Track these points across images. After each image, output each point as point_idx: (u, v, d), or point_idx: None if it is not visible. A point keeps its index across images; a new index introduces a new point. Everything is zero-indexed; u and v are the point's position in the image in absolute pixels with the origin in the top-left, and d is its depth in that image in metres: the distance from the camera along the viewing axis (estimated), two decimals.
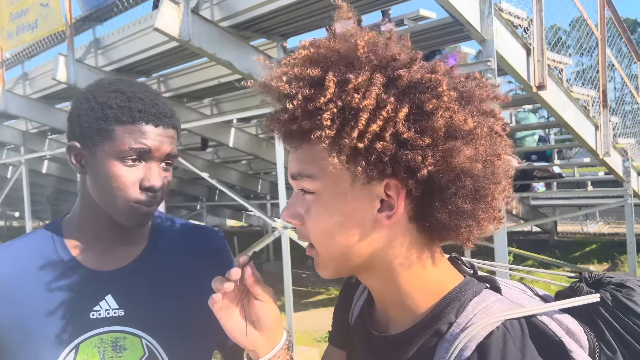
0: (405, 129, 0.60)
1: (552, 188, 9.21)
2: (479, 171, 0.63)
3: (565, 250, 9.72)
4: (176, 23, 3.70)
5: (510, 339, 0.60)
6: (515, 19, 3.58)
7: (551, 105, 3.94)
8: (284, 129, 0.67)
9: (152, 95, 0.97)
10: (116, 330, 0.96)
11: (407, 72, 0.62)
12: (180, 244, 1.07)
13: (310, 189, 0.68)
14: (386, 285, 0.71)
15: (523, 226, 10.28)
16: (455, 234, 0.66)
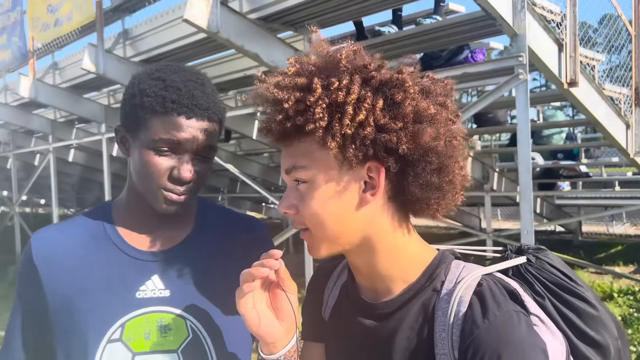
0: (382, 117, 0.75)
1: (578, 187, 9.05)
2: (441, 148, 0.78)
3: (590, 251, 9.54)
4: (205, 14, 3.72)
5: (493, 287, 0.78)
6: (548, 14, 3.52)
7: (582, 103, 3.87)
8: (279, 129, 0.80)
9: (193, 85, 0.95)
10: (162, 310, 0.98)
11: (378, 73, 0.78)
12: (225, 230, 1.08)
13: (303, 178, 0.81)
14: (375, 259, 0.84)
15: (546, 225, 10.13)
16: (427, 205, 0.81)
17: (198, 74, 0.99)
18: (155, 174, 0.94)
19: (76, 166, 11.00)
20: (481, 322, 0.74)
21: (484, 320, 0.74)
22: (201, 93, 0.95)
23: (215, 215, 1.10)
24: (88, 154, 10.03)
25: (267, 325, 0.87)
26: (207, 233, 1.06)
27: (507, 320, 0.74)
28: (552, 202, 8.81)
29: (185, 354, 0.98)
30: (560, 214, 9.11)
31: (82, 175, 12.23)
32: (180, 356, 0.97)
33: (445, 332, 0.77)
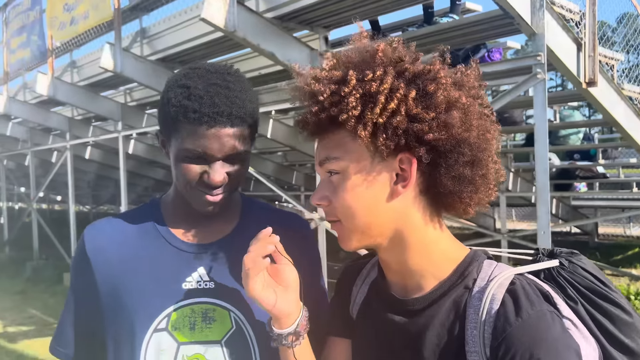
0: (414, 106, 0.76)
1: (594, 188, 8.94)
2: (473, 139, 0.78)
3: (606, 253, 9.43)
4: (222, 14, 3.74)
5: (527, 286, 0.77)
6: (567, 13, 3.48)
7: (601, 103, 3.82)
8: (314, 120, 0.82)
9: (216, 90, 0.94)
10: (207, 302, 1.00)
11: (411, 66, 0.79)
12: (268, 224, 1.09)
13: (336, 169, 0.82)
14: (406, 254, 0.84)
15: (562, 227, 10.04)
16: (459, 198, 0.80)
17: (225, 76, 0.97)
18: (188, 178, 0.96)
19: (92, 163, 11.12)
20: (514, 320, 0.73)
21: (517, 318, 0.73)
22: (224, 98, 0.93)
23: (260, 211, 1.13)
24: (104, 152, 10.14)
25: (281, 301, 0.88)
26: (251, 227, 1.06)
27: (540, 319, 0.73)
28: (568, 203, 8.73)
29: (228, 345, 1.00)
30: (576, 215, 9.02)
31: (98, 173, 12.37)
32: (224, 347, 0.99)
33: (476, 330, 0.77)
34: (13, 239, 11.59)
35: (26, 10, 7.32)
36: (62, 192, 16.51)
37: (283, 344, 0.90)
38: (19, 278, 9.25)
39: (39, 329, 6.16)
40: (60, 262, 9.34)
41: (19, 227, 11.42)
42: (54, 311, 6.93)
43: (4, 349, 5.46)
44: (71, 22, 5.94)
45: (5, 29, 8.02)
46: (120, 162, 7.07)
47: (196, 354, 0.99)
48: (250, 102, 0.97)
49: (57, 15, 6.24)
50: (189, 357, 0.99)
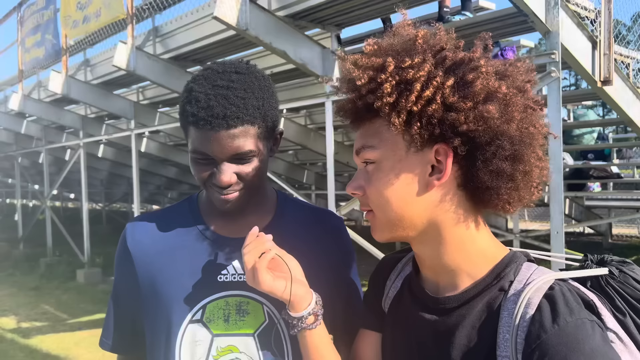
0: (451, 95, 0.73)
1: (608, 188, 8.84)
2: (514, 132, 0.74)
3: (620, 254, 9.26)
4: (234, 12, 3.75)
5: (567, 292, 0.73)
6: (582, 10, 3.44)
7: (616, 101, 3.77)
8: (351, 107, 0.81)
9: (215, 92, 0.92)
10: (241, 294, 1.02)
11: (452, 53, 0.77)
12: (303, 221, 1.12)
13: (371, 158, 0.80)
14: (441, 250, 0.81)
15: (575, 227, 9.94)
16: (497, 195, 0.76)
17: (230, 75, 0.96)
18: (199, 179, 0.99)
19: (105, 161, 11.22)
20: (550, 327, 0.69)
21: (553, 325, 0.69)
22: (222, 99, 0.92)
23: (294, 206, 1.14)
24: (117, 150, 10.22)
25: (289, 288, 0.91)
26: (285, 222, 1.09)
27: (579, 328, 0.69)
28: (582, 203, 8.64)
29: (261, 338, 1.02)
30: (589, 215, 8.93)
31: (111, 171, 12.47)
32: (257, 340, 1.02)
33: (509, 334, 0.73)
34: (27, 236, 11.73)
35: (40, 10, 7.40)
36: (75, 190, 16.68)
37: (302, 327, 0.91)
38: (33, 274, 9.36)
39: (52, 325, 6.23)
40: (73, 258, 9.44)
41: (33, 224, 11.55)
42: (67, 307, 7.01)
43: (17, 344, 5.52)
44: (84, 20, 6.00)
45: (20, 28, 8.11)
46: (132, 160, 7.12)
47: (230, 345, 1.01)
48: (255, 100, 0.95)
49: (71, 13, 6.30)
50: (223, 349, 1.01)
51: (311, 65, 4.23)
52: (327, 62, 4.26)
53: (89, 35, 6.13)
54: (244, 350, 1.01)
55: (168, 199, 17.32)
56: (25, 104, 8.19)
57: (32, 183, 14.03)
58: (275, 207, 1.11)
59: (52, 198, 14.63)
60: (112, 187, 16.97)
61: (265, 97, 0.97)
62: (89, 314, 6.62)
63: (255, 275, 0.90)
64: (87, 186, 9.02)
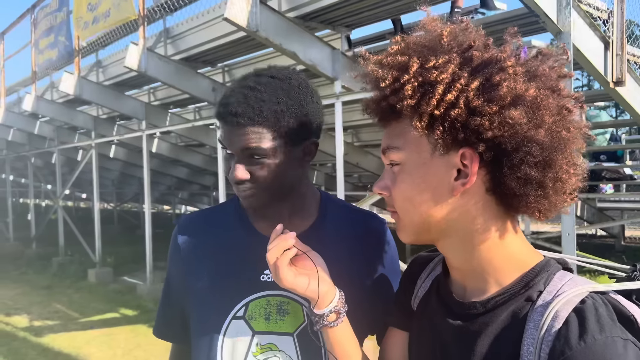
0: (475, 98, 0.69)
1: (621, 190, 8.75)
2: (543, 138, 0.69)
3: (633, 256, 9.22)
4: (245, 13, 3.77)
5: (601, 307, 0.67)
6: (595, 11, 3.41)
7: (629, 102, 3.73)
8: (376, 108, 0.79)
9: (239, 91, 0.97)
10: (282, 294, 1.04)
11: (479, 53, 0.72)
12: (346, 223, 1.12)
13: (396, 160, 0.78)
14: (467, 254, 0.78)
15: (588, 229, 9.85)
16: (525, 202, 0.73)
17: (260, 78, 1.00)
18: (225, 173, 1.06)
19: (117, 162, 11.30)
20: (576, 343, 0.65)
21: (579, 342, 0.64)
22: (242, 97, 0.96)
23: (337, 208, 1.15)
24: (128, 150, 10.30)
25: (314, 283, 0.91)
26: (329, 224, 1.11)
27: (608, 347, 0.63)
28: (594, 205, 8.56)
29: (300, 338, 1.03)
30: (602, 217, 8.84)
31: (122, 171, 12.57)
32: (296, 340, 1.03)
33: (533, 347, 0.69)
34: (40, 236, 11.86)
35: (54, 12, 7.48)
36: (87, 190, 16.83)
37: (325, 324, 0.91)
38: (45, 273, 9.46)
39: (63, 324, 6.29)
40: (85, 258, 9.52)
41: (46, 224, 11.66)
42: (79, 306, 7.07)
43: (29, 343, 5.58)
44: (93, 21, 6.06)
45: (34, 29, 8.21)
46: (144, 161, 7.17)
47: (270, 343, 1.04)
48: (276, 104, 0.97)
49: (82, 15, 6.38)
50: (263, 346, 1.04)
51: (321, 67, 4.24)
52: (337, 63, 4.27)
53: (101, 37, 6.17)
54: (283, 349, 1.03)
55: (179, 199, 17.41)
56: (39, 105, 8.29)
57: (45, 183, 14.18)
58: (319, 209, 1.12)
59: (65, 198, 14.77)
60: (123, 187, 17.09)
61: (290, 103, 0.98)
62: (100, 313, 6.68)
63: (277, 272, 0.90)
64: (99, 186, 9.10)
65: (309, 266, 0.93)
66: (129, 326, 6.14)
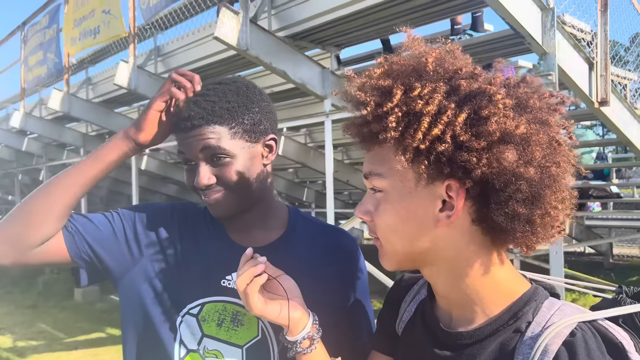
0: (463, 132, 0.66)
1: (608, 208, 8.83)
2: (532, 175, 0.66)
3: (621, 274, 9.27)
4: (235, 32, 3.79)
5: (590, 339, 0.66)
6: (579, 33, 3.48)
7: (613, 122, 3.79)
8: (358, 132, 0.76)
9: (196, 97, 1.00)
10: (239, 304, 1.01)
11: (467, 82, 0.69)
12: (315, 239, 1.11)
13: (379, 187, 0.75)
14: (453, 283, 0.76)
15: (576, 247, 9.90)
16: (512, 237, 0.71)
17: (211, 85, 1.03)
18: (189, 187, 1.02)
19: (105, 179, 11.15)
20: None
21: None
22: (193, 105, 0.99)
23: (306, 223, 1.14)
24: (117, 167, 10.21)
25: (285, 311, 0.89)
26: (296, 238, 1.09)
27: None
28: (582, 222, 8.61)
29: (249, 352, 1.01)
30: (590, 235, 8.89)
31: (111, 188, 12.46)
32: (244, 353, 1.01)
33: None
34: None
35: (43, 29, 7.49)
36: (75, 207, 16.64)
37: (299, 351, 0.90)
38: (30, 292, 9.30)
39: (48, 344, 6.17)
40: (71, 277, 9.37)
41: None
42: (64, 326, 6.95)
43: None
44: (80, 37, 6.07)
45: (24, 46, 8.20)
46: (132, 178, 7.13)
47: (216, 350, 1.01)
48: (227, 103, 0.99)
49: (69, 31, 6.39)
50: (209, 351, 1.01)
51: (311, 85, 4.27)
52: (327, 82, 4.30)
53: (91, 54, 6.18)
54: None
55: None
56: (27, 122, 8.23)
57: None
58: (287, 222, 1.11)
59: None
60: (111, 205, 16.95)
61: (241, 101, 1.01)
62: (85, 333, 6.56)
63: (247, 299, 0.88)
64: (87, 203, 9.01)
65: (281, 290, 0.91)
66: (115, 346, 6.04)
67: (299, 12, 4.03)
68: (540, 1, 3.08)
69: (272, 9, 4.22)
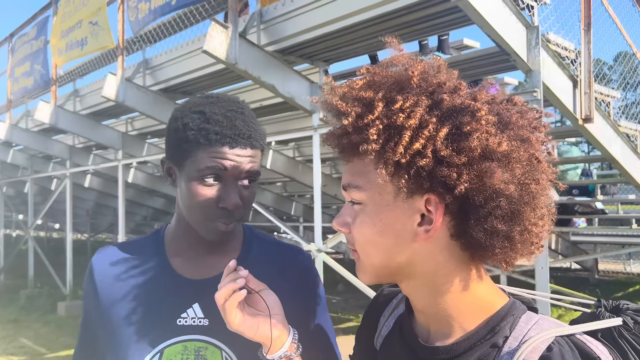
0: (444, 147, 0.66)
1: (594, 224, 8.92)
2: (513, 192, 0.66)
3: (607, 290, 9.34)
4: (224, 46, 3.81)
5: (567, 353, 0.65)
6: (563, 51, 3.54)
7: (597, 139, 3.85)
8: (338, 143, 0.75)
9: (234, 115, 0.98)
10: (199, 339, 0.99)
11: (450, 96, 0.68)
12: (270, 260, 1.09)
13: (357, 199, 0.74)
14: (431, 298, 0.75)
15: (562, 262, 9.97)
16: (491, 253, 0.70)
17: (237, 103, 1.01)
18: (203, 205, 0.96)
19: (92, 192, 11.12)
20: None
21: None
22: (242, 122, 0.98)
23: (261, 245, 1.12)
24: (104, 180, 10.15)
25: (264, 328, 0.87)
26: (250, 262, 1.06)
27: None
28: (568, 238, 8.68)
29: None
30: (575, 250, 8.97)
31: (97, 201, 12.35)
32: None
33: None
34: (8, 267, 11.48)
35: (30, 40, 7.47)
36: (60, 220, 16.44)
37: None
38: (12, 306, 9.12)
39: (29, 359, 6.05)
40: (55, 290, 9.24)
41: (15, 255, 11.32)
42: (46, 341, 6.82)
43: None
44: (67, 48, 6.05)
45: (11, 57, 8.16)
46: (119, 191, 7.07)
47: None
48: (261, 128, 1.01)
49: (57, 42, 6.38)
50: None
51: (299, 99, 4.29)
52: (315, 96, 4.32)
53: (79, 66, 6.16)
54: None
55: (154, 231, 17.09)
56: (12, 134, 8.16)
57: (17, 213, 13.84)
58: (242, 244, 1.09)
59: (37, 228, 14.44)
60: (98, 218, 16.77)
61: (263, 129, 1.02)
62: (68, 348, 6.44)
63: (224, 314, 0.87)
64: (73, 216, 8.91)
65: (263, 305, 0.89)
66: None
67: (288, 27, 4.06)
68: (525, 19, 3.13)
69: (262, 24, 4.25)
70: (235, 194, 0.96)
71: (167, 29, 5.32)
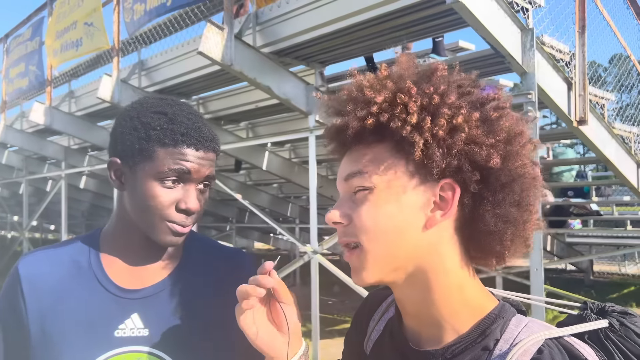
0: (476, 128, 0.70)
1: (589, 226, 8.95)
2: (529, 177, 0.71)
3: (602, 291, 9.37)
4: (219, 48, 3.81)
5: (557, 356, 0.67)
6: (557, 53, 3.56)
7: (592, 141, 3.86)
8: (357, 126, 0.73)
9: (195, 118, 0.97)
10: (139, 350, 0.95)
11: (475, 89, 0.74)
12: (209, 264, 1.07)
13: (366, 185, 0.73)
14: (427, 298, 0.75)
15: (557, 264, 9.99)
16: (499, 240, 0.72)
17: (191, 107, 1.02)
18: (161, 206, 0.93)
19: (87, 193, 11.08)
20: None
21: None
22: (204, 125, 0.98)
23: (200, 249, 1.08)
24: (99, 181, 10.12)
25: (267, 338, 0.83)
26: (190, 268, 1.03)
27: None
28: (563, 240, 8.71)
29: None
30: (571, 252, 8.99)
31: (92, 202, 12.31)
32: None
33: None
34: (3, 268, 11.44)
35: (25, 41, 7.45)
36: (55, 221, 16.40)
37: None
38: None
39: None
40: None
41: (10, 256, 11.28)
42: None
43: None
44: (61, 49, 6.03)
45: (6, 58, 8.13)
46: (114, 192, 7.05)
47: None
48: (216, 135, 1.01)
49: (52, 43, 6.36)
50: None
51: (295, 101, 4.29)
52: (311, 98, 4.32)
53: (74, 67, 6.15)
54: None
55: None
56: (7, 135, 8.13)
57: (11, 214, 13.79)
58: (183, 249, 1.05)
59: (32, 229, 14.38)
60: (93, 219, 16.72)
61: None
62: None
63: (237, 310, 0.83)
64: (68, 217, 8.87)
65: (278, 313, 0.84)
66: None
67: (283, 29, 4.06)
68: (520, 22, 3.15)
69: (257, 25, 4.25)
70: (196, 196, 0.95)
71: (163, 30, 5.31)
